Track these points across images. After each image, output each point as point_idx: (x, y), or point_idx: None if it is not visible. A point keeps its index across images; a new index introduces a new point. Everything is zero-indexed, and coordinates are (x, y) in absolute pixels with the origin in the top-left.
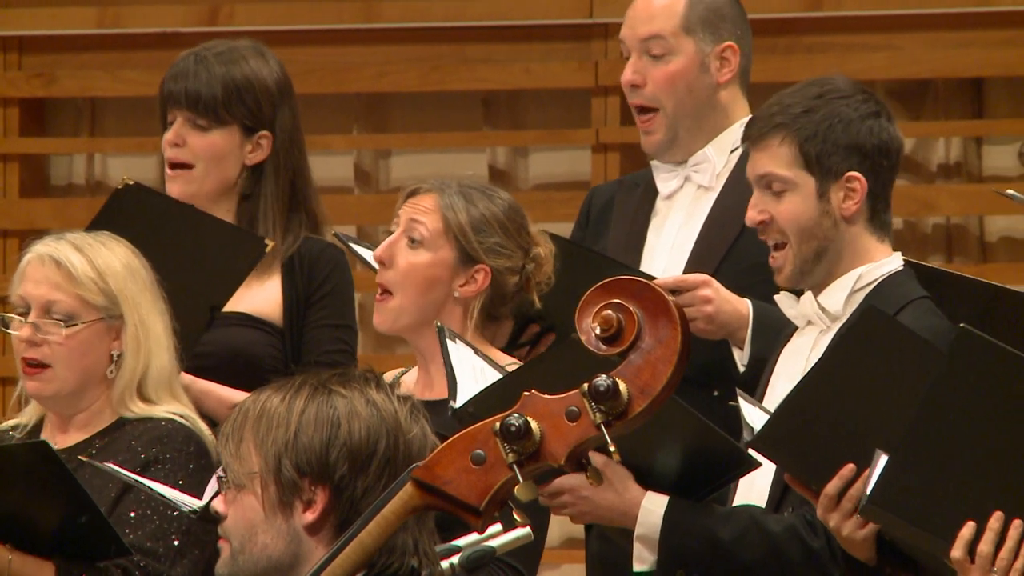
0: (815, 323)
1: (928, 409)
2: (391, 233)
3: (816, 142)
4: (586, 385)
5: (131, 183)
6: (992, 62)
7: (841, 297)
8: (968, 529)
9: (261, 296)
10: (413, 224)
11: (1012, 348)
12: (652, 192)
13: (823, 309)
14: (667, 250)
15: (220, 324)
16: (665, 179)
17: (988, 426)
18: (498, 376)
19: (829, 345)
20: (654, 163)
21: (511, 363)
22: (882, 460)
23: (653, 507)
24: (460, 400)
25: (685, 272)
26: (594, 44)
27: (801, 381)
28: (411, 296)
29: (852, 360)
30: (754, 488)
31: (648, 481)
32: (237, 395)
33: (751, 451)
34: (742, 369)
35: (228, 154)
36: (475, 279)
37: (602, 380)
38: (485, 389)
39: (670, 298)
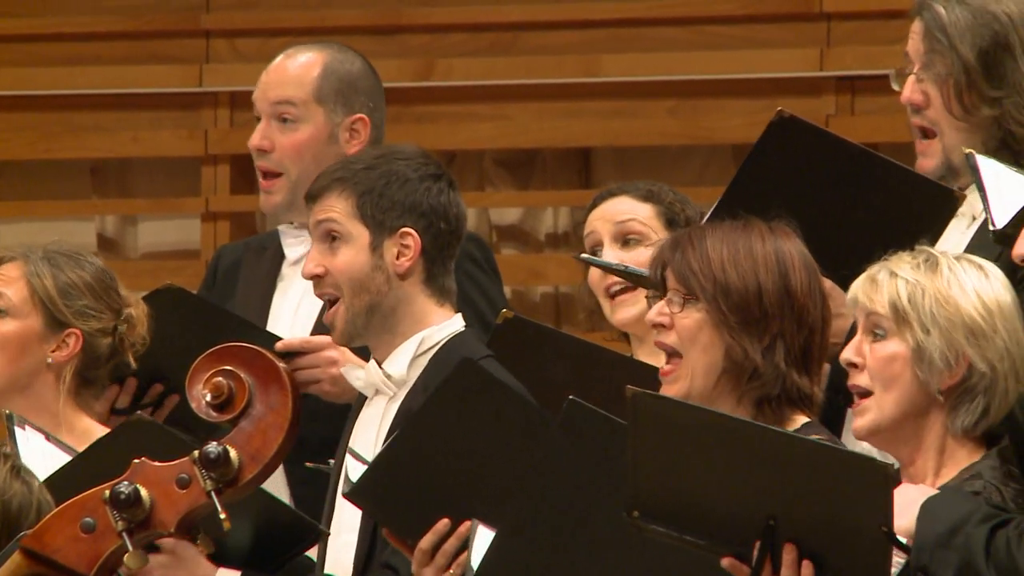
0: (383, 391)
1: (534, 480)
2: None
3: (373, 196)
4: (197, 452)
5: None
6: (599, 132)
7: (405, 362)
8: None
9: None
10: None
11: (617, 418)
12: (279, 256)
13: (388, 376)
14: (292, 314)
15: None
16: (292, 244)
17: (598, 493)
18: (68, 459)
19: (424, 399)
20: (281, 228)
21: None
22: (481, 533)
23: None
24: None
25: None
26: (204, 113)
27: (396, 434)
28: (1, 364)
29: (445, 413)
30: (339, 565)
31: (221, 557)
32: None
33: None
34: None
35: None
36: (66, 343)
37: (212, 447)
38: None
39: (281, 365)
